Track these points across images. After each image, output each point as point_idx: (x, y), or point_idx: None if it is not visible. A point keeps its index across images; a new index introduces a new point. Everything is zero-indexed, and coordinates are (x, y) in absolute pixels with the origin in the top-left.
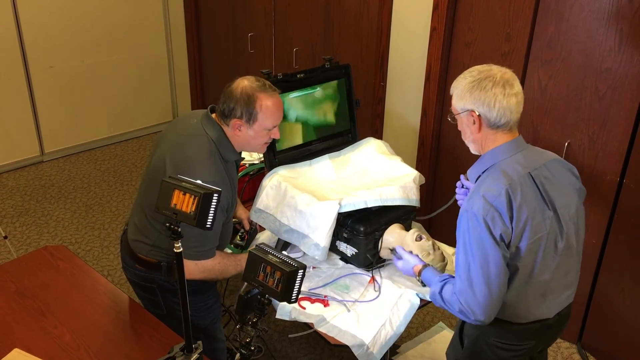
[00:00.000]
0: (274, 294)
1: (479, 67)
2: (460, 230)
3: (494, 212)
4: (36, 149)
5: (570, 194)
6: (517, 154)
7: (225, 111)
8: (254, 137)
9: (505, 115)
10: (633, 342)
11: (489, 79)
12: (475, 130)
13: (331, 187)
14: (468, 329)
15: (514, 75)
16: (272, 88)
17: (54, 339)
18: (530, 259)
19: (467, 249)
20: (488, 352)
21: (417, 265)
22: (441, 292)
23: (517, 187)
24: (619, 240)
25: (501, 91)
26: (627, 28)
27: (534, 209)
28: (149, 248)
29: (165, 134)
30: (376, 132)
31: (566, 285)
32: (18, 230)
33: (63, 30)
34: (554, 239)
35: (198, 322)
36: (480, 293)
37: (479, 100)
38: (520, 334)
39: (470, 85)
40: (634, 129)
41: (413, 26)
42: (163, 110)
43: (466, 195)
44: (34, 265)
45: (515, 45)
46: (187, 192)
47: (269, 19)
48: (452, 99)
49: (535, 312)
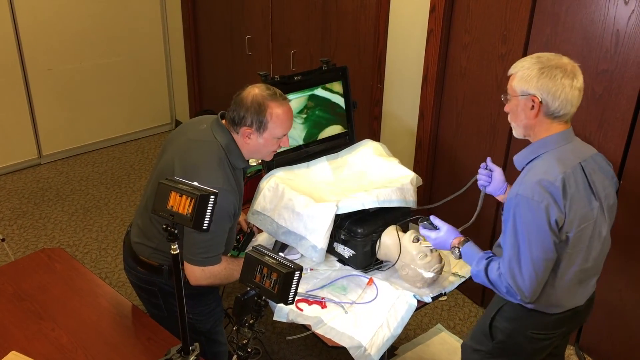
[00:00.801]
0: (271, 296)
1: (547, 54)
2: (509, 214)
3: (549, 198)
4: (34, 151)
5: (610, 186)
6: (568, 144)
7: (235, 119)
8: (264, 145)
9: (567, 107)
10: (631, 343)
11: (559, 68)
12: (531, 115)
13: (329, 189)
14: (502, 324)
15: (580, 70)
16: (282, 97)
17: (51, 342)
18: (578, 247)
19: (517, 232)
20: (523, 342)
21: (458, 237)
22: (487, 271)
23: (571, 176)
24: (615, 241)
25: (569, 83)
26: (623, 30)
27: (584, 198)
28: (151, 251)
29: (173, 138)
30: (374, 134)
31: (596, 272)
32: (16, 233)
33: (61, 33)
34: (600, 228)
35: (200, 326)
36: (528, 275)
37: (546, 88)
38: (555, 323)
39: (540, 71)
40: (631, 131)
41: (410, 28)
42: (161, 113)
43: (488, 177)
44: (32, 268)
45: (512, 46)
46: (183, 194)
47: (266, 21)
48: (511, 80)
49: (572, 300)
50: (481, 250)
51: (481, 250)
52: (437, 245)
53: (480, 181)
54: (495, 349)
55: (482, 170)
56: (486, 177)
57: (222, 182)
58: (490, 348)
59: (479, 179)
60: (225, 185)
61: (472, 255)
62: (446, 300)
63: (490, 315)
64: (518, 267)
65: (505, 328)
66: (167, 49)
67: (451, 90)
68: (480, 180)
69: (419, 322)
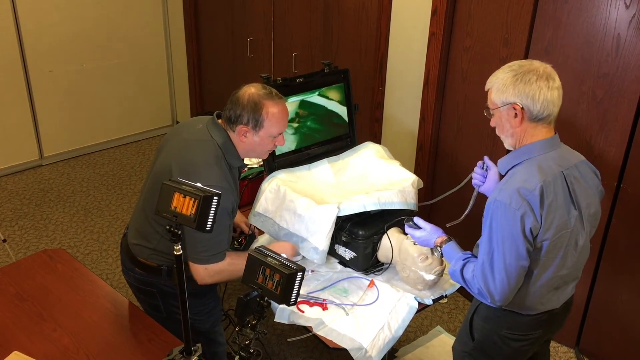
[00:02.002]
0: (273, 297)
1: (518, 61)
2: (487, 218)
3: (526, 206)
4: (35, 152)
5: (593, 195)
6: (552, 152)
7: (231, 117)
8: (259, 144)
9: (548, 108)
10: (631, 346)
11: (532, 72)
12: (516, 123)
13: (330, 191)
14: (479, 323)
15: (554, 71)
16: (278, 96)
17: (53, 342)
18: (552, 254)
19: (492, 237)
20: (500, 343)
21: (441, 237)
22: (462, 271)
23: (551, 185)
24: (616, 244)
25: (545, 84)
26: (624, 34)
27: (562, 207)
28: (150, 252)
29: (168, 139)
30: (375, 137)
31: (574, 278)
32: (17, 234)
33: (62, 34)
34: (576, 237)
35: (198, 326)
36: (500, 281)
37: (524, 93)
38: (530, 324)
39: (514, 78)
40: (631, 134)
41: (412, 31)
42: (162, 114)
43: (483, 176)
44: (33, 269)
45: (514, 50)
46: (187, 195)
47: (268, 23)
48: (489, 94)
49: (547, 304)
50: (462, 251)
51: (462, 250)
52: (422, 243)
53: (475, 180)
54: (476, 349)
55: (478, 170)
56: (481, 177)
57: (222, 180)
58: (471, 348)
59: (474, 177)
60: (225, 183)
61: (452, 255)
62: (447, 302)
63: (470, 314)
64: (491, 271)
65: (482, 327)
66: (169, 50)
67: (452, 93)
68: (475, 179)
69: (420, 324)
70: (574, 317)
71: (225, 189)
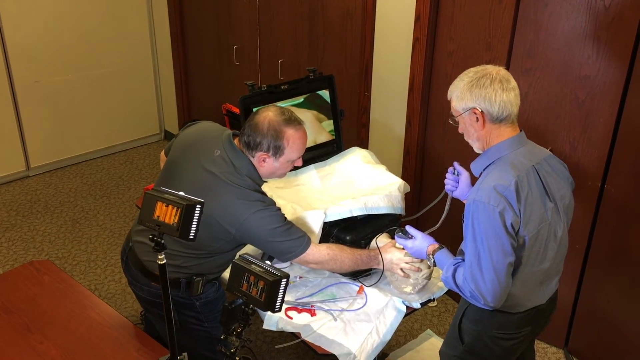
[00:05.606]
0: (258, 304)
1: (473, 68)
2: (468, 219)
3: (504, 202)
4: (22, 163)
5: (565, 187)
6: (521, 148)
7: (250, 144)
8: (279, 168)
9: (507, 108)
10: (619, 345)
11: (486, 76)
12: (479, 127)
13: (317, 196)
14: (468, 326)
15: (508, 73)
16: (297, 121)
17: (40, 355)
18: (534, 248)
19: (476, 237)
20: (490, 344)
21: (433, 245)
22: (454, 276)
23: (524, 179)
24: (602, 245)
25: (500, 86)
26: (604, 35)
27: (538, 200)
28: (172, 268)
29: (185, 157)
30: (362, 142)
31: (557, 272)
32: (4, 246)
33: (48, 44)
34: (554, 228)
35: (215, 333)
36: (490, 279)
37: (480, 97)
38: (518, 322)
39: (469, 84)
40: (614, 135)
41: (396, 37)
42: (149, 123)
43: (456, 182)
44: (20, 281)
45: (496, 54)
46: (169, 204)
47: (253, 31)
48: (451, 102)
49: (533, 300)
50: (453, 257)
51: (453, 256)
52: (414, 254)
53: (447, 186)
54: (466, 352)
55: (450, 175)
56: (453, 182)
57: (270, 202)
58: (461, 352)
59: (447, 183)
60: (269, 200)
61: (444, 262)
62: (436, 306)
63: (458, 317)
64: (480, 272)
65: (472, 330)
66: (155, 59)
67: (437, 97)
68: (448, 185)
69: (410, 328)
70: (563, 317)
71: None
